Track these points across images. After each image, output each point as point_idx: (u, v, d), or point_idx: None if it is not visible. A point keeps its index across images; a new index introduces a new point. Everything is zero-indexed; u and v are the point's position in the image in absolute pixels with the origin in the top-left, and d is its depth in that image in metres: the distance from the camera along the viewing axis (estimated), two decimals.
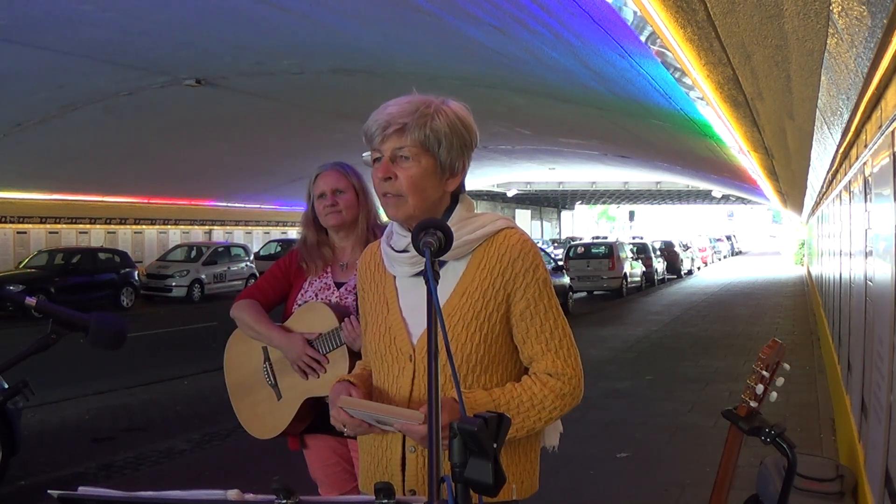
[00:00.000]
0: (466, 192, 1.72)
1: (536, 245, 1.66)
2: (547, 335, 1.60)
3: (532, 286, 1.59)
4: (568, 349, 1.61)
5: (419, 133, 1.55)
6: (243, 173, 21.05)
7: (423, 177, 1.56)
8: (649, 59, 6.07)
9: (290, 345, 2.41)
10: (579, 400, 1.62)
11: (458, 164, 1.61)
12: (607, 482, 4.72)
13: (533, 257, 1.60)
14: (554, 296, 1.64)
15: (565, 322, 1.64)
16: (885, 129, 2.68)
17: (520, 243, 1.60)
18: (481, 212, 1.68)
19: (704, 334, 12.03)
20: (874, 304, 3.14)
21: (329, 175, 2.52)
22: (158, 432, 6.39)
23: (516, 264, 1.59)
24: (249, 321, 2.53)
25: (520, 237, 1.62)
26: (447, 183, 1.61)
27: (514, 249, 1.59)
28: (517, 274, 1.59)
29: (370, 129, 1.58)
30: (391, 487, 1.03)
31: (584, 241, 29.82)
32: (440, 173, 1.59)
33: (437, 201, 1.61)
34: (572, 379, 1.60)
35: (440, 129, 1.56)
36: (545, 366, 1.60)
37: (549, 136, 18.16)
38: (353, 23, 8.49)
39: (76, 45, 9.61)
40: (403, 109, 1.56)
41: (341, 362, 2.35)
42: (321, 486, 2.60)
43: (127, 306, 17.44)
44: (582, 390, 1.62)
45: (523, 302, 1.59)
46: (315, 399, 2.43)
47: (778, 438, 1.88)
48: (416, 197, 1.56)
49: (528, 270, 1.59)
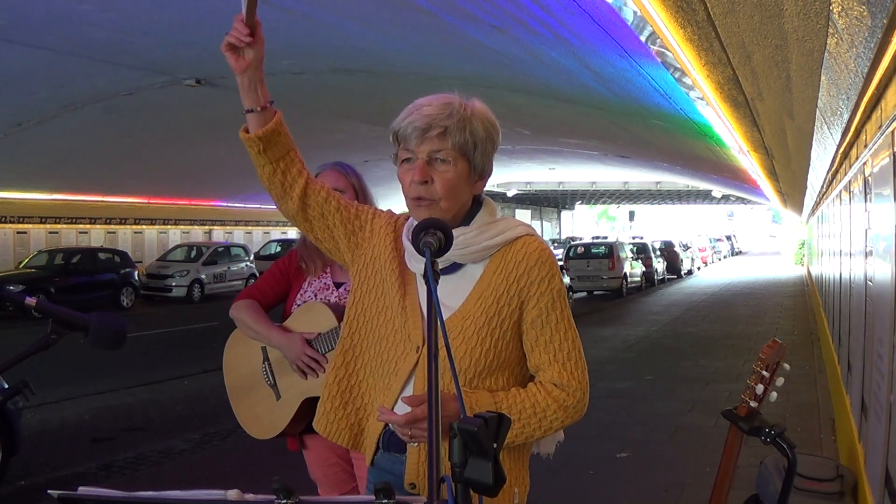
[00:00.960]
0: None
1: (554, 255, 1.66)
2: (556, 346, 1.59)
3: (546, 295, 1.59)
4: (576, 362, 1.60)
5: (460, 137, 1.54)
6: (243, 173, 20.95)
7: (458, 181, 1.56)
8: (649, 59, 6.07)
9: (290, 344, 2.41)
10: (582, 414, 1.61)
11: (487, 167, 1.63)
12: (607, 482, 4.72)
13: (550, 267, 1.60)
14: (567, 307, 1.63)
15: (576, 334, 1.62)
16: (885, 129, 2.68)
17: (538, 252, 1.60)
18: (501, 216, 1.68)
19: (704, 334, 12.03)
20: (874, 304, 3.14)
21: (329, 175, 2.52)
22: (158, 432, 6.39)
23: (532, 272, 1.58)
24: (249, 321, 2.53)
25: (538, 245, 1.62)
26: (475, 186, 1.62)
27: (531, 257, 1.59)
28: (532, 282, 1.58)
29: (405, 130, 1.55)
30: (391, 487, 1.03)
31: (584, 241, 29.81)
32: (472, 177, 1.60)
33: (463, 204, 1.61)
34: (577, 392, 1.58)
35: (478, 132, 1.57)
36: (551, 376, 1.58)
37: (549, 136, 18.15)
38: (353, 23, 8.48)
39: (76, 45, 9.61)
40: (441, 112, 1.54)
41: None
42: (321, 486, 2.60)
43: (127, 306, 17.45)
44: (586, 404, 1.61)
45: (535, 310, 1.59)
46: (314, 399, 2.43)
47: (778, 438, 1.88)
48: (449, 201, 1.56)
49: (544, 279, 1.59)
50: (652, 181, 36.31)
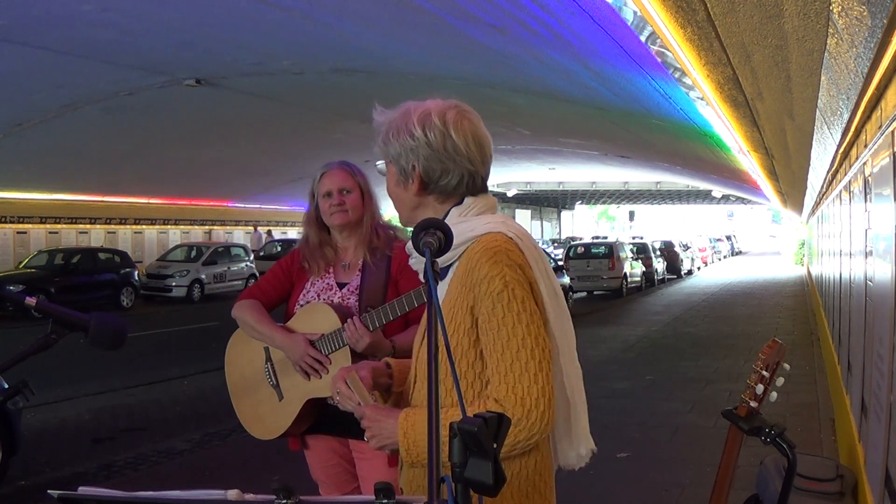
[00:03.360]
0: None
1: (505, 252, 1.47)
2: (498, 355, 1.43)
3: (486, 298, 1.45)
4: (520, 374, 1.41)
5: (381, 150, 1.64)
6: (243, 173, 21.05)
7: (391, 187, 1.63)
8: (650, 60, 6.07)
9: (293, 345, 2.40)
10: (537, 431, 1.41)
11: (407, 165, 1.63)
12: (607, 482, 4.72)
13: (490, 267, 1.45)
14: (511, 311, 1.44)
15: (524, 342, 1.42)
16: (885, 129, 2.68)
17: (481, 251, 1.47)
18: (485, 215, 1.58)
19: (704, 334, 12.03)
20: (874, 304, 3.14)
21: (336, 174, 2.50)
22: (158, 432, 6.39)
23: (475, 273, 1.47)
24: (251, 321, 2.52)
25: (488, 243, 1.48)
26: (410, 188, 1.63)
27: (474, 256, 1.48)
28: (476, 283, 1.47)
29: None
30: (391, 487, 1.03)
31: (584, 241, 29.80)
32: (401, 181, 1.63)
33: (416, 207, 1.62)
34: (516, 407, 1.39)
35: (389, 141, 1.63)
36: (491, 390, 1.43)
37: (549, 136, 18.16)
38: (353, 23, 8.49)
39: (76, 45, 9.61)
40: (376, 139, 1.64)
41: (343, 363, 2.32)
42: (322, 486, 2.59)
43: (127, 306, 17.44)
44: (538, 420, 1.40)
45: (481, 316, 1.46)
46: (317, 400, 2.43)
47: (778, 438, 1.88)
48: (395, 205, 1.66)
49: (483, 280, 1.45)
50: (652, 181, 36.34)
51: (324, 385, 2.37)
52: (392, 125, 1.59)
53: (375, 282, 2.46)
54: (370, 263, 2.47)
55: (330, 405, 2.50)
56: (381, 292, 2.43)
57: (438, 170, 1.56)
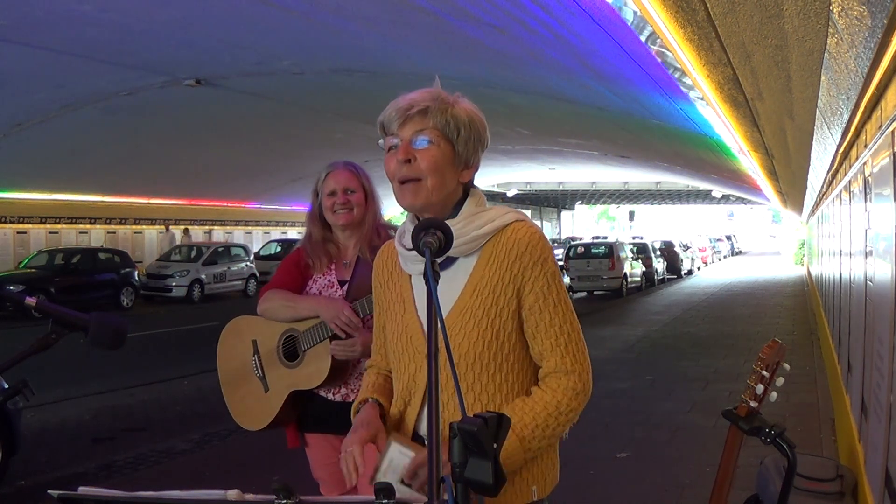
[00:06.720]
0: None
1: (546, 238, 1.65)
2: (556, 330, 1.59)
3: (541, 279, 1.58)
4: (577, 344, 1.60)
5: (441, 118, 1.57)
6: (243, 173, 21.05)
7: (442, 160, 1.57)
8: (650, 60, 6.07)
9: (331, 303, 2.43)
10: (589, 395, 1.62)
11: (472, 158, 1.63)
12: (607, 482, 4.72)
13: (541, 250, 1.59)
14: (563, 290, 1.62)
15: (574, 317, 1.62)
16: (885, 129, 2.68)
17: (528, 236, 1.59)
18: (491, 206, 1.68)
19: (704, 334, 12.03)
20: (874, 304, 3.14)
21: (341, 173, 2.54)
22: (158, 432, 6.39)
23: (524, 257, 1.58)
24: (282, 301, 2.54)
25: (528, 230, 1.61)
26: (462, 174, 1.63)
27: (521, 243, 1.58)
28: (526, 267, 1.57)
29: (388, 115, 1.59)
30: (391, 487, 1.03)
31: (584, 241, 29.77)
32: (456, 163, 1.60)
33: (451, 192, 1.61)
34: (582, 375, 1.59)
35: (460, 118, 1.59)
36: (554, 363, 1.58)
37: (549, 136, 18.15)
38: (353, 23, 8.49)
39: (76, 45, 9.61)
40: (423, 96, 1.58)
41: (324, 356, 2.42)
42: (323, 485, 2.59)
43: (127, 306, 17.44)
44: (591, 385, 1.61)
45: (532, 296, 1.58)
46: (300, 392, 2.50)
47: (778, 438, 1.88)
48: (434, 180, 1.56)
49: (537, 263, 1.58)
50: (652, 181, 36.31)
51: (306, 378, 2.46)
52: (465, 110, 1.61)
53: (367, 275, 2.49)
54: (365, 259, 2.49)
55: (328, 401, 2.52)
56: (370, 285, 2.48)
57: (479, 165, 1.68)
